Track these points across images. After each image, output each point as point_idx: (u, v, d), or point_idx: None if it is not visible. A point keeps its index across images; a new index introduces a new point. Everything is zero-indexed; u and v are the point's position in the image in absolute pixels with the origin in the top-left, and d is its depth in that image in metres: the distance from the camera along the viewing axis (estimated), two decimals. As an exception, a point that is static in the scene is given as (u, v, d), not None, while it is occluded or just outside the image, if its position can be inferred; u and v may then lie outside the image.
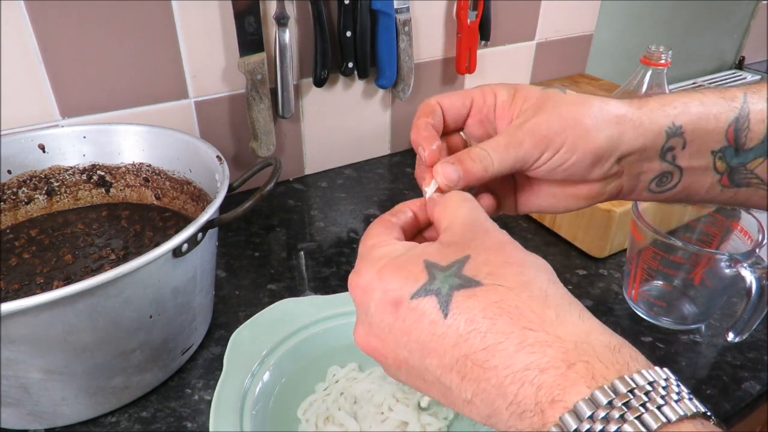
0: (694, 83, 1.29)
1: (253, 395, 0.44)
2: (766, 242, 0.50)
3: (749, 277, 0.47)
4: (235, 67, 0.69)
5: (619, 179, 0.35)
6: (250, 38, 0.67)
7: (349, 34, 0.73)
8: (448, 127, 0.37)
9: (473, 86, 0.37)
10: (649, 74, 0.69)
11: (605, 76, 1.06)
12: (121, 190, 0.61)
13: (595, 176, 0.34)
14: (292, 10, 0.70)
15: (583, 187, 0.35)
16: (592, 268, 0.65)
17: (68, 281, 0.50)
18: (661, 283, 0.59)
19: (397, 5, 0.75)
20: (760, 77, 1.35)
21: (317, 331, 0.50)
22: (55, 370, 0.41)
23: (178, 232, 0.42)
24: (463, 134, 0.38)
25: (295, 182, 0.83)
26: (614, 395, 0.21)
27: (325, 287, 0.62)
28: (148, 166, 0.60)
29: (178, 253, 0.42)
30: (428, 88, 0.88)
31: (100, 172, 0.60)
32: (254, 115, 0.71)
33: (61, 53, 0.61)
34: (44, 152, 0.58)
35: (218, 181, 0.50)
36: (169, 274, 0.43)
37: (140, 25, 0.63)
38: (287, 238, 0.71)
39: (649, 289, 0.59)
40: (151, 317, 0.44)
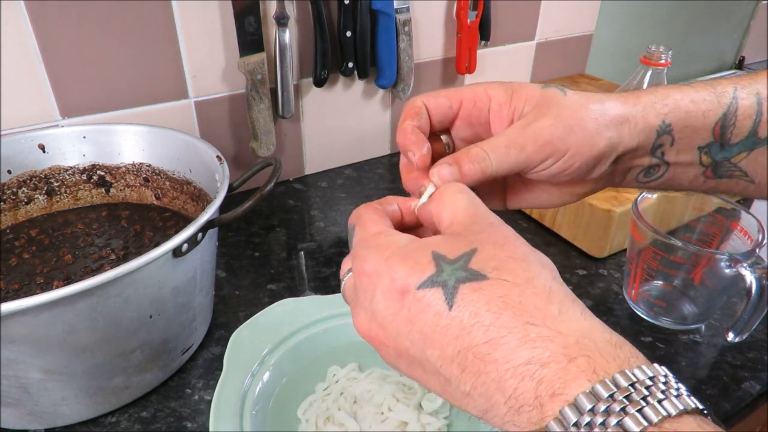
0: (693, 83, 1.28)
1: (253, 395, 0.44)
2: (766, 242, 0.50)
3: (749, 277, 0.47)
4: (235, 67, 0.69)
5: (611, 174, 0.36)
6: (250, 38, 0.67)
7: (349, 34, 0.73)
8: (433, 128, 0.36)
9: None
10: (649, 74, 0.69)
11: (605, 76, 1.06)
12: (121, 190, 0.61)
13: (593, 176, 0.34)
14: (292, 10, 0.70)
15: (578, 185, 0.36)
16: (592, 268, 0.65)
17: (68, 281, 0.50)
18: (661, 283, 0.59)
19: (397, 5, 0.75)
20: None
21: (317, 331, 0.50)
22: (55, 370, 0.41)
23: (178, 232, 0.42)
24: (444, 138, 0.37)
25: (295, 182, 0.83)
26: (615, 389, 0.21)
27: (325, 287, 0.62)
28: (148, 166, 0.60)
29: (178, 253, 0.42)
30: (428, 88, 0.88)
31: (100, 172, 0.60)
32: (254, 115, 0.71)
33: (61, 53, 0.61)
34: (44, 152, 0.58)
35: (218, 181, 0.50)
36: (169, 274, 0.43)
37: (140, 25, 0.63)
38: (287, 238, 0.71)
39: (649, 289, 0.59)
40: (151, 317, 0.44)
